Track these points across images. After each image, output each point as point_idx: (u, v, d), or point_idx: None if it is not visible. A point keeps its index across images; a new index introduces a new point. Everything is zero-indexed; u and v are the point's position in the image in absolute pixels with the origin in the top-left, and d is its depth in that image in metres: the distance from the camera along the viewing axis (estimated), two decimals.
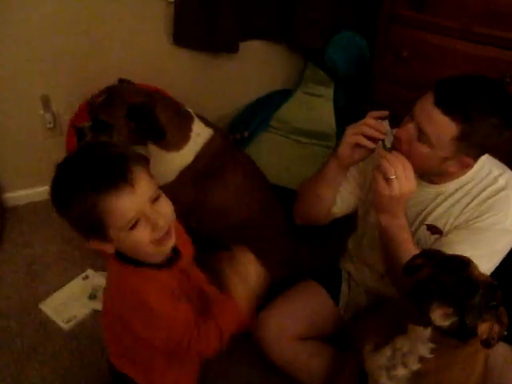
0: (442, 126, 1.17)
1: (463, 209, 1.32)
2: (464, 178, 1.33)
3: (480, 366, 1.20)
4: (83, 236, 1.01)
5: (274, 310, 1.59)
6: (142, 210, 0.95)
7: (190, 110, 1.65)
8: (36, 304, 1.85)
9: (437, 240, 1.36)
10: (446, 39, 1.86)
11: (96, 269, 1.99)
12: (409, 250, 1.25)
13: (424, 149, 1.22)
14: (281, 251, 1.76)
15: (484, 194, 1.30)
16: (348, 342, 1.61)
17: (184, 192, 1.63)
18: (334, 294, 1.67)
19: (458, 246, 1.27)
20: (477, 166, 1.32)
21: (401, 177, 1.20)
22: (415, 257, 1.15)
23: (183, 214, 1.15)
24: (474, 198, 1.31)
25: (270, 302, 1.63)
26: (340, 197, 1.51)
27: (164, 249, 1.03)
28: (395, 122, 1.34)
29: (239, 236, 1.69)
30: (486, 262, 1.24)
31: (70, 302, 1.86)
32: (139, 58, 2.14)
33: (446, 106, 1.16)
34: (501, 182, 1.30)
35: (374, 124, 1.31)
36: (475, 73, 1.27)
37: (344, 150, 1.35)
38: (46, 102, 2.12)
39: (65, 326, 1.78)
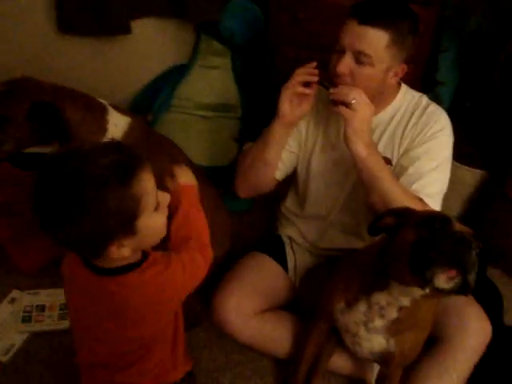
0: (375, 39, 1.29)
1: (402, 135, 1.45)
2: (395, 104, 1.47)
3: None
4: (99, 245, 0.90)
5: (228, 291, 1.56)
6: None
7: (102, 101, 1.53)
8: None
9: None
10: None
11: (22, 288, 1.80)
12: (394, 180, 1.32)
13: (366, 70, 1.32)
14: (222, 227, 1.73)
15: (416, 115, 1.45)
16: (303, 307, 1.67)
17: None
18: (282, 262, 1.70)
19: (418, 163, 1.38)
20: (401, 93, 1.48)
21: (359, 99, 1.28)
22: (382, 216, 1.17)
23: None
24: (408, 121, 1.45)
25: (220, 281, 1.61)
26: (280, 161, 1.54)
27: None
28: None
29: None
30: (445, 171, 1.40)
31: (2, 331, 1.67)
32: (23, 53, 1.93)
33: (370, 20, 1.29)
34: (423, 101, 1.48)
35: (304, 70, 1.36)
36: None
37: (283, 107, 1.37)
38: None
39: (3, 359, 1.60)
